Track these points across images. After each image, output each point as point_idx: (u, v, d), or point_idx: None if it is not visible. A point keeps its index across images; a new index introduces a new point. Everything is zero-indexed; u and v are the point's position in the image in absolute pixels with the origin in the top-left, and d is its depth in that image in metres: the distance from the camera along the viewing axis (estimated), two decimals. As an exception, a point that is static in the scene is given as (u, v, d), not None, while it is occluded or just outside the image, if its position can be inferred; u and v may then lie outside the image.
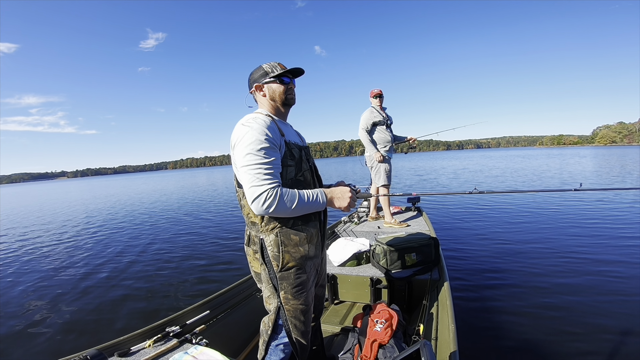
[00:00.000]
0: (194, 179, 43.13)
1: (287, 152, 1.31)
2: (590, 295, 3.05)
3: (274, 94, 1.42)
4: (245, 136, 1.21)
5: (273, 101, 1.43)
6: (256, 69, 1.45)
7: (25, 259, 6.03)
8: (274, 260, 1.31)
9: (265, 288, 1.39)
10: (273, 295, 1.35)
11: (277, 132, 1.30)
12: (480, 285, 3.42)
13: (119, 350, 1.40)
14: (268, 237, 1.30)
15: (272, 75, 1.39)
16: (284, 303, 1.34)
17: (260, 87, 1.42)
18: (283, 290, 1.32)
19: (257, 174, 1.17)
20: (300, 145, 1.43)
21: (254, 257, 1.41)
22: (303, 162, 1.38)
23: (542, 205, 7.54)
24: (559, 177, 13.97)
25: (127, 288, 4.12)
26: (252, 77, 1.45)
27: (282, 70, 1.40)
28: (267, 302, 1.40)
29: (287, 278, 1.31)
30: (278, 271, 1.31)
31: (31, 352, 2.76)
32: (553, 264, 3.88)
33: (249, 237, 1.42)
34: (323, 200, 1.29)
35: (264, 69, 1.41)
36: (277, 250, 1.30)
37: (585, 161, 24.95)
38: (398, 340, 1.75)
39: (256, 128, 1.22)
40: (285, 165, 1.30)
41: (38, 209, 16.47)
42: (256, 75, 1.43)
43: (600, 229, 5.30)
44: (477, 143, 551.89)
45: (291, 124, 1.57)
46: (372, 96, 4.02)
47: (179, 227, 8.13)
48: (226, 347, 1.90)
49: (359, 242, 2.81)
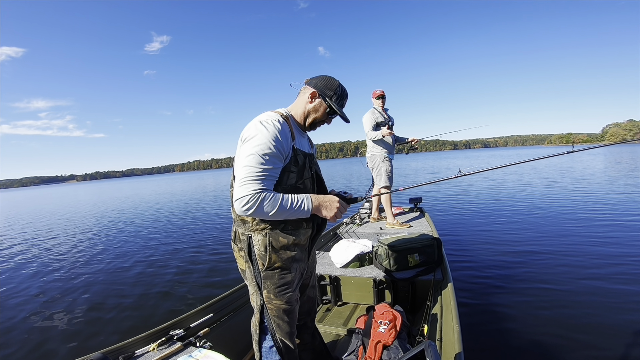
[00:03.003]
0: (201, 181, 43.47)
1: (292, 158, 1.31)
2: (598, 295, 3.00)
3: (315, 113, 1.41)
4: (256, 137, 1.21)
5: (307, 114, 1.42)
6: (333, 81, 1.41)
7: (30, 261, 6.15)
8: (259, 259, 1.31)
9: (249, 285, 1.40)
10: (256, 293, 1.36)
11: (289, 136, 1.29)
12: (483, 285, 3.39)
13: (123, 353, 1.42)
14: (256, 236, 1.30)
15: (332, 103, 1.38)
16: (267, 302, 1.34)
17: (316, 95, 1.40)
18: (266, 289, 1.33)
19: (251, 175, 1.18)
20: (306, 153, 1.41)
21: (239, 254, 1.41)
22: (306, 169, 1.38)
23: (547, 206, 7.45)
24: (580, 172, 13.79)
25: (131, 291, 4.16)
26: (321, 82, 1.40)
27: (339, 107, 1.40)
28: (252, 299, 1.42)
29: (271, 277, 1.32)
30: (263, 270, 1.31)
31: (36, 356, 2.79)
32: (559, 263, 3.82)
33: (235, 234, 1.42)
34: (308, 208, 1.26)
35: (335, 92, 1.39)
36: (264, 250, 1.30)
37: (598, 157, 24.55)
38: (402, 341, 1.74)
39: (269, 132, 1.21)
40: (287, 171, 1.29)
41: (50, 213, 16.74)
42: (327, 86, 1.39)
43: (610, 228, 5.22)
44: (484, 142, 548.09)
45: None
46: (375, 97, 4.02)
47: (183, 230, 8.20)
48: (230, 350, 1.90)
49: (361, 243, 2.80)
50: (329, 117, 1.44)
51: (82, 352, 2.48)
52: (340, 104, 1.41)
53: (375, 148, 4.03)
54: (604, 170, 15.13)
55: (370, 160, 4.11)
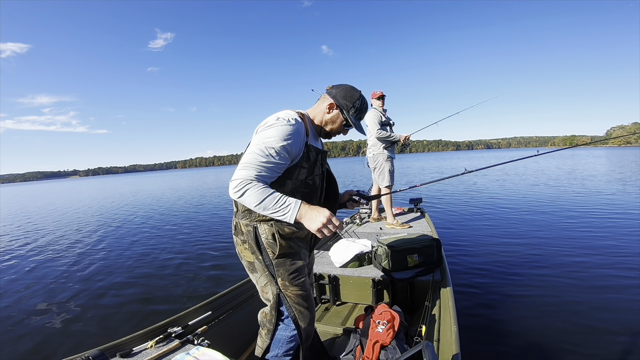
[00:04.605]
0: (203, 177, 43.60)
1: (305, 154, 1.31)
2: (598, 298, 2.99)
3: (332, 124, 1.42)
4: (270, 130, 1.22)
5: (325, 124, 1.42)
6: (354, 93, 1.39)
7: (28, 257, 6.18)
8: (269, 248, 1.32)
9: (260, 277, 1.39)
10: (270, 283, 1.36)
11: (302, 135, 1.29)
12: (482, 286, 3.39)
13: (121, 350, 1.42)
14: (262, 226, 1.31)
15: (349, 117, 1.37)
16: (283, 289, 1.35)
17: (334, 107, 1.39)
18: (280, 277, 1.34)
19: (251, 162, 1.17)
20: (319, 149, 1.41)
21: (243, 246, 1.39)
22: (317, 166, 1.38)
23: (547, 208, 7.41)
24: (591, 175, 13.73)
25: (129, 288, 4.17)
26: (341, 93, 1.38)
27: (357, 120, 1.40)
28: (264, 292, 1.41)
29: (283, 264, 1.33)
30: (274, 258, 1.32)
31: (33, 352, 2.80)
32: (558, 266, 3.81)
33: (236, 227, 1.41)
34: (292, 214, 1.14)
35: (354, 105, 1.37)
36: (272, 238, 1.30)
37: (600, 160, 24.42)
38: (400, 342, 1.74)
39: (283, 129, 1.21)
40: (299, 167, 1.30)
41: (52, 207, 16.82)
42: (346, 98, 1.37)
43: (610, 228, 5.22)
44: (487, 143, 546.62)
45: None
46: (375, 98, 4.04)
47: (183, 227, 8.22)
48: (228, 348, 1.91)
49: (360, 243, 2.80)
50: (345, 128, 1.45)
51: (79, 349, 2.50)
52: (358, 117, 1.40)
53: (379, 148, 4.04)
54: (606, 173, 15.06)
55: (372, 160, 4.11)
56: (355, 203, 1.72)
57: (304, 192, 1.35)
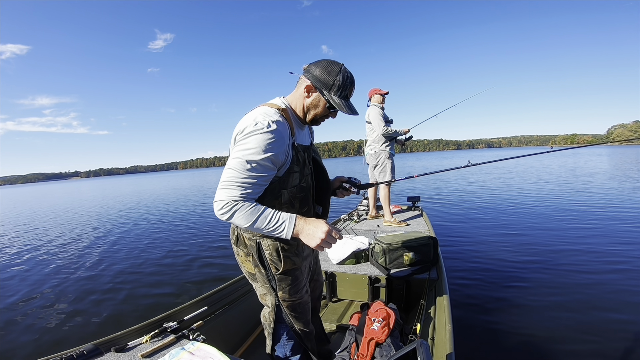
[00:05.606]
0: (204, 177, 43.63)
1: (295, 158, 1.20)
2: (595, 298, 2.98)
3: (315, 109, 1.24)
4: (250, 139, 1.08)
5: (307, 110, 1.25)
6: (332, 67, 1.18)
7: (26, 255, 6.21)
8: (272, 265, 1.28)
9: (261, 287, 1.39)
10: (270, 294, 1.36)
11: (287, 137, 1.15)
12: (478, 285, 3.38)
13: (115, 345, 1.42)
14: (265, 241, 1.25)
15: (331, 98, 1.18)
16: (282, 300, 1.35)
17: (312, 89, 1.21)
18: (281, 290, 1.33)
19: (232, 180, 1.07)
20: (305, 146, 1.31)
21: (245, 259, 1.35)
22: (306, 166, 1.27)
23: (542, 207, 7.40)
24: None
25: (125, 284, 4.20)
26: (318, 72, 1.18)
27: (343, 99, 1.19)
28: (263, 299, 1.42)
29: (285, 279, 1.32)
30: (277, 274, 1.29)
31: (28, 346, 2.82)
32: (553, 265, 3.81)
33: (237, 238, 1.35)
34: (287, 231, 1.08)
35: (334, 83, 1.16)
36: (276, 255, 1.26)
37: (603, 158, 24.36)
38: (395, 339, 1.74)
39: (265, 138, 1.07)
40: (291, 172, 1.20)
41: (55, 209, 16.87)
42: (324, 75, 1.17)
43: (606, 227, 5.22)
44: (488, 142, 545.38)
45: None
46: (381, 94, 4.05)
47: (179, 224, 8.23)
48: (223, 343, 1.92)
49: (358, 240, 2.81)
50: (331, 111, 1.25)
51: (74, 343, 2.51)
52: (342, 95, 1.18)
53: (381, 145, 4.04)
54: (607, 171, 15.00)
55: (374, 157, 4.11)
56: (346, 191, 1.59)
57: (301, 197, 1.26)
